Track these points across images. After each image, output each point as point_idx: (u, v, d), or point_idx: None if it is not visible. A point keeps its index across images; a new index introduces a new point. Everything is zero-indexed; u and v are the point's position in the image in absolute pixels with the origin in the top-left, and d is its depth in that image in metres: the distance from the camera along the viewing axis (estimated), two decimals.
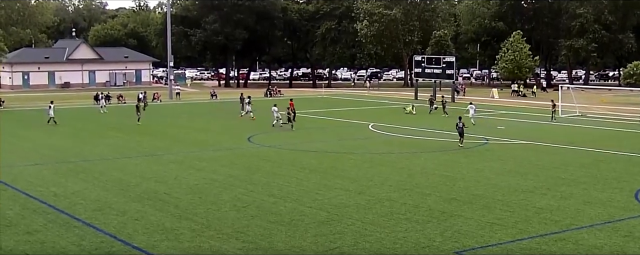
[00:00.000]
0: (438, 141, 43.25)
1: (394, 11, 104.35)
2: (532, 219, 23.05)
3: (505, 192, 27.22)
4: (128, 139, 44.42)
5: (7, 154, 38.37)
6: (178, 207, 24.86)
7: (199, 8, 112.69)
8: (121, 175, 31.16)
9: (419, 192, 27.39)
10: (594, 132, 48.72)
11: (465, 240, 20.54)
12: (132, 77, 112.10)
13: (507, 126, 51.35)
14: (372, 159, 36.33)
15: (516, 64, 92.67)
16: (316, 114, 53.43)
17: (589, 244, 20.19)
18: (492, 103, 75.57)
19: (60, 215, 23.68)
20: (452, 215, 23.59)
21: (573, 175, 31.00)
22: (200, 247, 19.91)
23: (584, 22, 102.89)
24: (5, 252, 19.58)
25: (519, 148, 40.35)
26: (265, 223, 22.56)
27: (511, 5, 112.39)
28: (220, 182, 29.59)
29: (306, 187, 28.47)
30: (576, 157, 36.72)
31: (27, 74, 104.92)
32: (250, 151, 39.27)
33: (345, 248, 19.82)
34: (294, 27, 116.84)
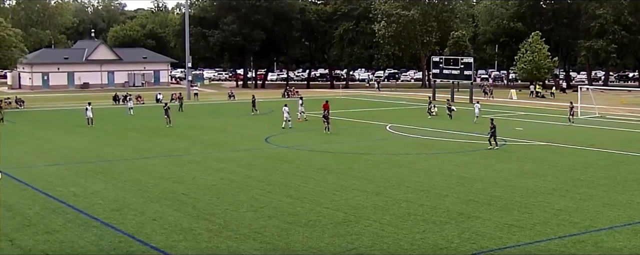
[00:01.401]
0: (456, 142, 43.10)
1: (411, 12, 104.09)
2: (551, 221, 22.95)
3: (523, 194, 27.11)
4: (147, 140, 44.62)
5: (27, 154, 38.71)
6: (196, 208, 24.95)
7: (217, 9, 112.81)
8: (140, 176, 31.32)
9: (436, 193, 27.33)
10: (613, 133, 48.40)
11: (483, 242, 20.48)
12: (150, 78, 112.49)
13: (525, 127, 51.13)
14: (390, 160, 36.29)
15: (535, 65, 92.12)
16: (333, 115, 53.40)
17: (608, 246, 20.07)
18: (511, 104, 75.26)
19: (79, 215, 23.84)
20: (470, 216, 23.53)
21: (592, 177, 30.82)
22: (218, 248, 19.97)
23: (604, 23, 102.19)
24: (25, 251, 19.74)
25: (538, 149, 40.15)
26: (283, 224, 22.59)
27: (530, 6, 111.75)
28: (238, 182, 29.66)
29: (323, 188, 28.49)
30: (595, 158, 36.49)
31: (46, 75, 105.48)
32: (267, 152, 39.34)
33: (363, 249, 19.81)
34: (311, 28, 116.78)
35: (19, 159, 36.70)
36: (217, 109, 69.94)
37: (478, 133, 45.72)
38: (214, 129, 50.76)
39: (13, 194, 27.51)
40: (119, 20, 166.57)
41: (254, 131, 48.71)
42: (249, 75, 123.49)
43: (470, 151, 38.82)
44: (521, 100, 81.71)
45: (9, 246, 20.19)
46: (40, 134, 48.65)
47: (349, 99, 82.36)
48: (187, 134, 48.06)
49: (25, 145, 42.32)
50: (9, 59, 72.58)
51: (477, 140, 42.02)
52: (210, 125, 53.81)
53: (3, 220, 23.11)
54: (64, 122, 56.34)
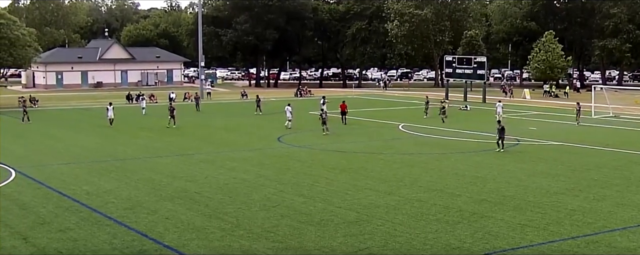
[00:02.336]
0: (468, 142, 43.01)
1: (424, 11, 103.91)
2: (564, 221, 22.86)
3: (536, 194, 27.02)
4: (159, 139, 44.77)
5: (41, 153, 38.92)
6: (208, 206, 25.01)
7: (230, 8, 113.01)
8: (152, 175, 31.42)
9: (449, 193, 27.28)
10: (627, 133, 48.16)
11: (496, 242, 20.43)
12: (163, 77, 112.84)
13: (538, 127, 50.94)
14: (402, 159, 36.24)
15: (548, 65, 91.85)
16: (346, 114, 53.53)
17: (622, 247, 19.98)
18: (524, 104, 75.00)
19: (93, 214, 23.94)
20: (483, 216, 23.48)
21: (606, 177, 30.68)
22: (230, 247, 20.01)
23: (618, 22, 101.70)
24: (39, 249, 19.84)
25: (551, 149, 39.99)
26: (295, 223, 22.61)
27: (543, 5, 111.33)
28: (250, 181, 29.71)
29: (336, 187, 28.49)
30: (609, 158, 36.32)
31: (60, 74, 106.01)
32: (280, 151, 39.37)
33: (375, 249, 19.80)
34: (324, 28, 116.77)
35: (33, 157, 36.92)
36: (229, 108, 70.06)
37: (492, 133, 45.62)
38: (226, 128, 50.88)
39: (27, 192, 27.68)
40: (132, 19, 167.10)
41: (266, 130, 48.76)
42: (262, 74, 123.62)
43: (483, 151, 38.71)
44: (535, 99, 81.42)
45: (23, 244, 20.31)
46: (54, 132, 48.91)
47: (361, 98, 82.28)
48: (199, 133, 48.21)
49: (39, 144, 42.56)
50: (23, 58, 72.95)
51: (490, 140, 41.88)
52: (222, 124, 53.94)
53: (17, 218, 23.26)
54: (78, 121, 56.66)
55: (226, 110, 67.75)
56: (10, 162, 34.53)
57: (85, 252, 19.54)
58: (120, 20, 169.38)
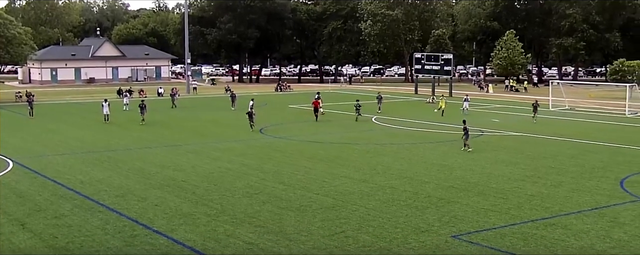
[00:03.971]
0: (437, 133, 43.22)
1: (395, 12, 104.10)
2: (524, 206, 23.07)
3: (499, 181, 27.24)
4: (149, 132, 44.52)
5: (37, 144, 38.60)
6: (195, 194, 24.96)
7: (214, 9, 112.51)
8: (142, 165, 31.29)
9: (418, 180, 27.42)
10: (581, 124, 48.61)
11: (462, 225, 20.57)
12: (152, 73, 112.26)
13: (500, 119, 51.28)
14: (375, 149, 36.34)
15: (509, 61, 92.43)
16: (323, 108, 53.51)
17: (576, 229, 20.20)
18: (488, 97, 75.45)
19: (86, 201, 23.81)
20: (450, 201, 23.63)
21: (562, 165, 30.99)
22: (216, 231, 20.00)
23: (573, 22, 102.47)
24: (35, 234, 19.72)
25: (512, 139, 40.29)
26: (276, 209, 22.63)
27: (505, 6, 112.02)
28: (234, 170, 29.67)
29: (313, 175, 28.53)
30: (565, 148, 36.68)
31: (55, 70, 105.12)
32: (261, 142, 39.32)
33: (350, 232, 19.87)
34: (302, 27, 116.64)
35: (29, 149, 36.61)
36: (214, 103, 69.75)
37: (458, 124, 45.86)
38: (211, 121, 50.70)
39: (24, 181, 27.47)
40: (122, 19, 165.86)
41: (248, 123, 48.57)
42: (244, 70, 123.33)
43: (450, 141, 38.88)
44: (497, 93, 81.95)
45: (21, 230, 20.17)
46: (50, 125, 48.47)
47: (336, 92, 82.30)
48: (187, 125, 48.01)
49: (36, 136, 42.18)
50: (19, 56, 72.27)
51: (456, 132, 42.06)
52: (208, 117, 53.72)
53: (15, 206, 23.09)
54: (72, 115, 56.17)
55: (211, 104, 67.39)
56: (8, 153, 34.22)
57: (80, 237, 19.44)
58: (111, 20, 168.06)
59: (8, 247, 18.61)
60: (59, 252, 18.20)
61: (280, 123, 48.69)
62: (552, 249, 18.30)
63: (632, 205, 23.27)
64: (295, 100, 67.94)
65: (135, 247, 18.52)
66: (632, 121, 50.83)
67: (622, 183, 26.90)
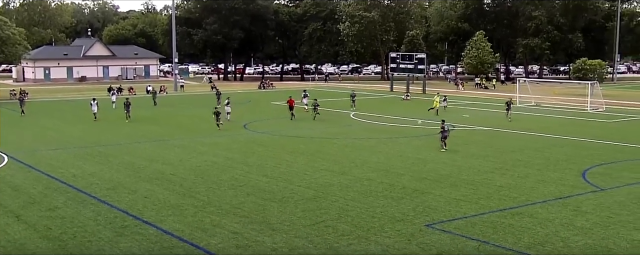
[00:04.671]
0: (412, 128, 43.35)
1: (372, 13, 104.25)
2: (493, 196, 23.23)
3: (469, 172, 27.39)
4: (138, 127, 44.23)
5: (31, 140, 38.26)
6: (182, 186, 24.87)
7: (200, 10, 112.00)
8: (132, 159, 31.12)
9: (394, 172, 27.50)
10: (547, 119, 48.99)
11: (435, 214, 20.68)
12: (141, 72, 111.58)
13: (471, 115, 51.55)
14: (354, 143, 36.40)
15: (479, 60, 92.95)
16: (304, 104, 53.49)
17: (542, 217, 20.37)
18: (458, 94, 75.78)
19: (79, 194, 23.65)
20: (423, 192, 23.73)
21: (529, 158, 31.22)
22: (202, 221, 19.94)
23: (539, 24, 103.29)
24: (30, 226, 19.56)
25: (482, 134, 40.52)
26: (260, 200, 22.60)
27: (475, 9, 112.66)
28: (219, 164, 29.59)
29: (295, 168, 28.53)
30: (531, 141, 36.95)
31: (48, 69, 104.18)
32: (246, 137, 39.25)
33: (330, 221, 19.90)
34: (284, 28, 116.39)
35: (24, 144, 36.28)
36: (200, 100, 69.45)
37: (432, 119, 46.09)
38: (197, 117, 50.40)
39: (19, 175, 27.22)
40: (112, 20, 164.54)
41: (233, 119, 48.45)
42: (229, 69, 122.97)
43: (424, 136, 39.07)
44: (467, 91, 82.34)
45: (16, 222, 20.00)
46: (43, 122, 48.03)
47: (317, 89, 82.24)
48: (174, 121, 47.78)
49: (30, 132, 41.79)
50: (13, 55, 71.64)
51: (431, 127, 42.25)
52: (194, 113, 53.44)
53: (10, 199, 22.89)
54: (65, 112, 55.71)
55: (197, 101, 67.07)
56: (3, 149, 33.89)
57: (72, 228, 19.31)
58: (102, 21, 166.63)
59: (4, 237, 18.44)
60: (52, 242, 18.07)
61: (263, 119, 48.58)
62: (519, 236, 18.44)
63: (593, 195, 23.51)
64: (278, 98, 67.77)
65: (126, 237, 18.43)
66: (594, 116, 51.32)
67: (585, 174, 27.16)
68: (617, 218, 20.27)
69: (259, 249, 17.41)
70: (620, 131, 42.15)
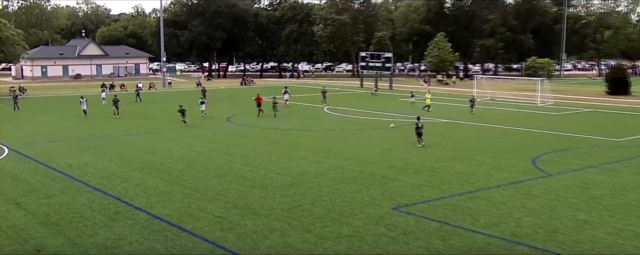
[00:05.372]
0: (380, 120, 43.47)
1: (344, 16, 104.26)
2: (453, 181, 23.42)
3: (431, 160, 27.56)
4: (130, 121, 43.82)
5: (30, 133, 37.73)
6: (170, 175, 24.72)
7: (186, 13, 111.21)
8: (124, 150, 30.84)
9: (364, 161, 27.59)
10: (501, 112, 49.42)
11: (401, 199, 20.80)
12: (132, 70, 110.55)
13: (433, 108, 51.80)
14: (327, 135, 36.43)
15: (440, 59, 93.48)
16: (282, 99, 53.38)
17: (496, 200, 20.59)
18: (422, 90, 76.08)
19: (74, 182, 23.39)
20: (390, 179, 23.84)
21: (484, 147, 31.49)
22: (189, 207, 19.85)
23: (493, 26, 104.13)
24: (30, 212, 19.32)
25: (443, 125, 40.77)
26: (242, 187, 22.55)
27: (436, 12, 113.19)
28: (204, 154, 29.45)
29: (274, 157, 28.50)
30: (487, 132, 37.27)
31: (45, 68, 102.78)
32: (229, 129, 39.09)
33: (306, 206, 19.93)
34: (263, 29, 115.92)
35: (23, 137, 35.76)
36: (186, 96, 68.93)
37: (398, 113, 46.28)
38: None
39: (18, 165, 26.86)
40: (105, 22, 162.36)
41: (217, 112, 48.29)
42: (213, 67, 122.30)
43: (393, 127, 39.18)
44: (430, 86, 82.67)
45: (16, 209, 19.74)
46: (41, 116, 47.37)
47: (293, 86, 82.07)
48: (163, 115, 47.38)
49: (28, 126, 41.21)
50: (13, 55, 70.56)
51: (398, 119, 42.40)
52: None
53: (10, 188, 22.58)
54: (60, 107, 54.91)
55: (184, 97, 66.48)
56: (4, 141, 33.40)
57: (69, 214, 19.11)
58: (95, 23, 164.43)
59: (5, 223, 18.19)
60: (50, 227, 17.87)
61: (245, 113, 48.37)
62: (476, 217, 18.63)
63: (542, 180, 23.81)
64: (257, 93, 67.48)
65: (119, 222, 18.28)
66: (542, 109, 51.92)
67: (535, 161, 27.49)
68: (563, 200, 20.58)
69: (242, 231, 17.39)
70: (566, 123, 42.69)
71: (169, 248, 16.05)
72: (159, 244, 16.34)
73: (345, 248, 15.98)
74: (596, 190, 22.04)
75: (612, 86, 68.18)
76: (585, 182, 23.32)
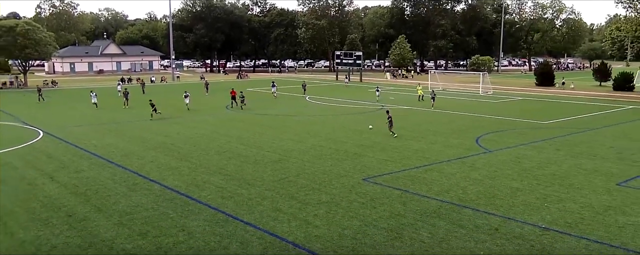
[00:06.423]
0: (352, 107, 43.49)
1: (322, 22, 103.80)
2: (411, 157, 23.55)
3: (394, 140, 27.66)
4: (144, 109, 43.22)
5: (61, 119, 37.16)
6: (179, 153, 24.55)
7: (191, 19, 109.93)
8: (140, 133, 30.53)
9: (339, 141, 27.62)
10: (451, 100, 49.66)
11: (369, 171, 20.89)
12: (146, 66, 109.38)
13: (395, 97, 51.94)
14: (308, 119, 36.37)
15: (401, 57, 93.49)
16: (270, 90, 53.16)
17: (447, 172, 20.77)
18: (386, 82, 76.28)
19: (99, 160, 23.15)
20: (361, 155, 23.92)
21: (437, 128, 31.67)
22: (195, 179, 19.77)
23: (445, 29, 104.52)
24: (62, 184, 19.11)
25: (403, 111, 40.87)
26: (238, 162, 22.49)
27: (398, 18, 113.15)
28: (207, 136, 29.27)
29: (265, 138, 28.42)
30: (439, 117, 37.46)
31: (73, 64, 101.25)
32: (227, 115, 38.85)
33: (292, 178, 19.94)
34: (255, 32, 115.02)
35: (55, 122, 35.22)
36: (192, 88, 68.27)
37: (368, 101, 46.29)
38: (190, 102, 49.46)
39: (52, 146, 26.49)
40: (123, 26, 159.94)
41: (217, 102, 47.95)
42: (214, 64, 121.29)
43: (362, 113, 39.27)
44: (393, 80, 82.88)
45: (50, 181, 19.52)
46: (70, 105, 46.65)
47: (280, 79, 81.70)
48: (172, 104, 46.89)
49: (59, 113, 40.57)
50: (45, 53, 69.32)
51: (366, 106, 42.43)
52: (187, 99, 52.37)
53: (45, 164, 22.29)
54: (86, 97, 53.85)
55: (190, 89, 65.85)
56: (39, 126, 32.90)
57: (95, 186, 18.93)
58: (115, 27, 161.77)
59: (41, 193, 17.98)
60: (79, 197, 17.69)
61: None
62: (430, 186, 18.79)
63: (484, 155, 24.05)
64: (251, 85, 67.32)
65: (137, 191, 18.16)
66: (484, 98, 52.29)
67: (478, 140, 27.73)
68: (500, 172, 20.82)
69: (239, 199, 17.37)
70: (503, 109, 43.07)
71: (178, 213, 16.00)
72: (170, 210, 16.27)
73: (324, 212, 16.04)
74: (527, 163, 22.32)
75: (540, 79, 68.84)
76: (518, 156, 23.60)
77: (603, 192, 18.02)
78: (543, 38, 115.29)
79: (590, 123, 34.32)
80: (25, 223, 15.28)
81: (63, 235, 14.28)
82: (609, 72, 67.63)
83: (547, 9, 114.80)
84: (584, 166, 21.75)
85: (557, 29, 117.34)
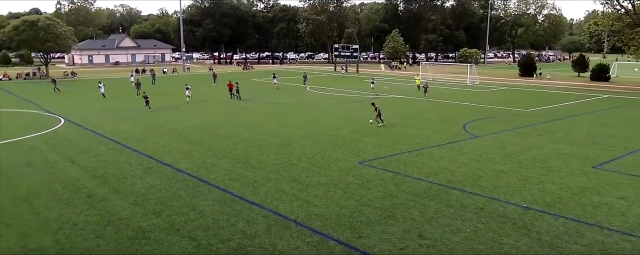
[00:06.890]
0: (349, 96, 43.41)
1: (321, 17, 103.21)
2: (404, 142, 23.57)
3: (388, 127, 27.65)
4: (155, 99, 43.17)
5: (80, 107, 37.11)
6: (190, 139, 24.55)
7: (200, 14, 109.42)
8: (154, 120, 30.50)
9: (337, 127, 27.61)
10: (441, 90, 49.54)
11: (365, 155, 20.91)
12: (159, 58, 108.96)
13: (389, 87, 51.84)
14: (309, 108, 36.32)
15: (395, 50, 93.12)
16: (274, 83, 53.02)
17: (437, 156, 20.80)
18: (381, 73, 76.06)
19: (116, 145, 23.16)
20: (357, 141, 23.93)
21: (429, 116, 31.65)
22: (205, 162, 19.79)
23: (435, 24, 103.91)
24: (82, 168, 19.14)
25: (396, 100, 40.83)
26: (244, 147, 22.50)
27: (392, 14, 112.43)
28: (216, 122, 29.25)
29: (269, 125, 28.41)
30: (431, 105, 37.42)
31: (91, 56, 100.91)
32: (234, 104, 38.77)
33: (293, 161, 19.97)
34: (260, 27, 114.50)
35: (74, 110, 35.17)
36: (201, 78, 68.08)
37: (362, 91, 46.17)
38: (198, 91, 49.42)
39: (73, 132, 26.48)
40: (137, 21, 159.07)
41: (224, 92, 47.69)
42: (222, 56, 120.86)
43: (358, 102, 39.20)
44: (387, 71, 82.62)
45: (71, 165, 19.54)
46: (88, 94, 46.52)
47: (283, 70, 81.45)
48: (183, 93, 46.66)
49: (78, 102, 40.49)
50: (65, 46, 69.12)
51: (362, 95, 42.35)
52: (196, 89, 52.31)
53: (67, 149, 22.30)
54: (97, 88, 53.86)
55: (199, 79, 65.72)
56: (60, 113, 32.86)
57: (112, 169, 18.96)
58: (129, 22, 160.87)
59: (64, 175, 18.02)
60: (98, 179, 17.73)
61: (246, 91, 47.75)
62: (421, 168, 18.82)
63: (470, 141, 24.06)
64: (256, 76, 67.11)
65: (151, 174, 18.19)
66: (471, 88, 52.19)
67: (465, 127, 27.73)
68: (486, 156, 20.85)
69: (245, 181, 17.40)
70: (488, 97, 43.00)
71: (189, 193, 16.04)
72: (182, 191, 16.32)
73: (323, 193, 16.09)
74: (510, 148, 22.34)
75: (523, 70, 68.64)
76: (502, 142, 23.61)
77: (580, 175, 18.06)
78: (526, 32, 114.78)
79: (569, 111, 34.30)
80: (49, 203, 15.34)
81: (83, 214, 14.35)
82: (586, 63, 67.47)
83: (530, 5, 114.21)
84: (563, 151, 21.78)
85: (539, 24, 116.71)
